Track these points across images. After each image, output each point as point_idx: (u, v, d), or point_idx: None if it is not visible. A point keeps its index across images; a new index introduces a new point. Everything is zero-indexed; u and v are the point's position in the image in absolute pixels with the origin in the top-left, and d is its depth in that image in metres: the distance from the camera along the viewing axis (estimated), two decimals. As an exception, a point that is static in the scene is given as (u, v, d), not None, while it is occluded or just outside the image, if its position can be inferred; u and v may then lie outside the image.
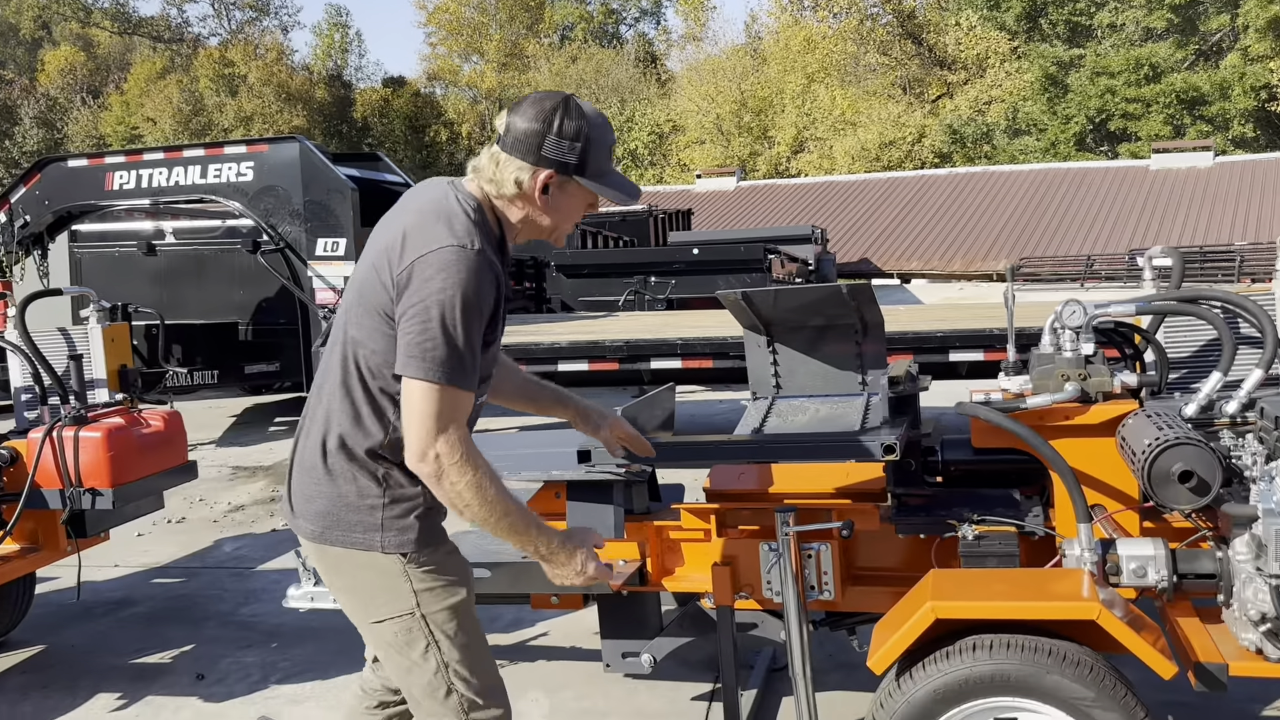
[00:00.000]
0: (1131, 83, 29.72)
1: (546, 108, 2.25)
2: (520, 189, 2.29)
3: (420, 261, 2.16)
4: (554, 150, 2.26)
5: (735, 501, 3.39)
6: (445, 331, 2.13)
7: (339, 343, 2.35)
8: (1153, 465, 2.54)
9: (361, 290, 2.29)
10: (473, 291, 2.15)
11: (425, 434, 2.15)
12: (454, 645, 2.35)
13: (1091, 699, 2.43)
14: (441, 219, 2.22)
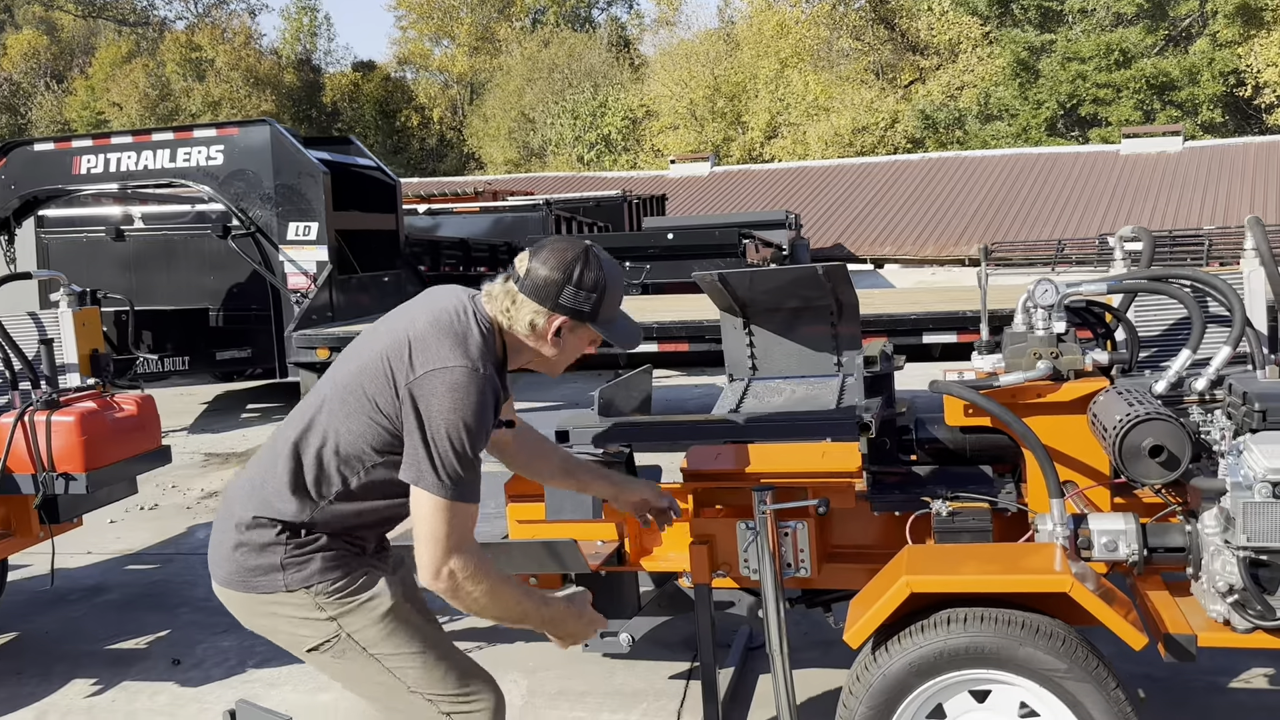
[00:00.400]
0: (1102, 68, 29.91)
1: (568, 259, 2.35)
2: (534, 330, 2.39)
3: (433, 375, 2.25)
4: (571, 300, 2.36)
5: (712, 481, 3.41)
6: (455, 450, 2.22)
7: (313, 408, 2.40)
8: (1124, 440, 2.57)
9: (362, 371, 2.34)
10: (480, 413, 2.25)
11: (439, 553, 2.22)
12: (399, 655, 2.39)
13: (1064, 670, 2.47)
14: (459, 337, 2.31)
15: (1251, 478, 2.47)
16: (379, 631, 2.38)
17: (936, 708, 2.64)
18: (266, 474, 2.41)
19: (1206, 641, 2.62)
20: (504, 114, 43.13)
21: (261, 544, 2.36)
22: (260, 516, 2.37)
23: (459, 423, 2.23)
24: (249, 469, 2.51)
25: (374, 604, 2.40)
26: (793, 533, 3.19)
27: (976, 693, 2.61)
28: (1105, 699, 2.46)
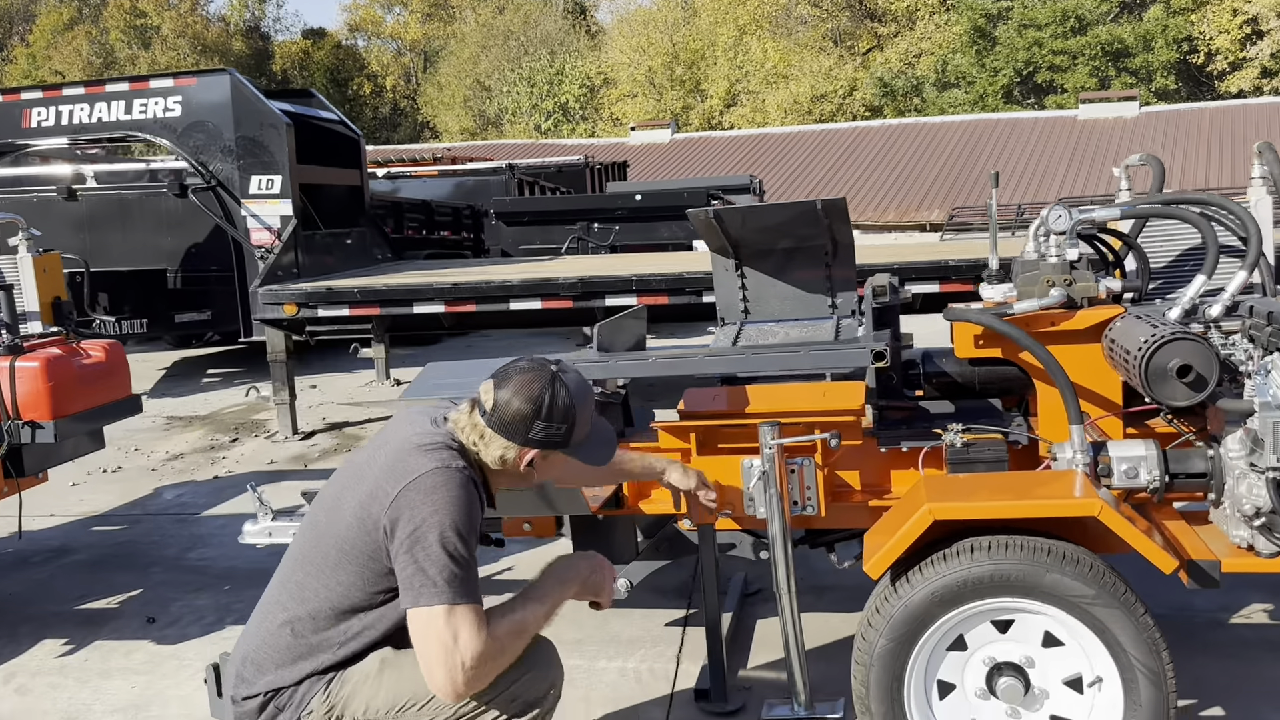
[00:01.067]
0: (1058, 35, 30.01)
1: (535, 390, 2.30)
2: (504, 464, 2.35)
3: (406, 490, 2.19)
4: (542, 434, 2.32)
5: (714, 419, 3.30)
6: (447, 552, 2.15)
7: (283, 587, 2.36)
8: (1150, 361, 2.51)
9: (344, 541, 2.26)
10: (465, 509, 2.20)
11: (451, 668, 2.13)
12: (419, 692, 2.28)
13: (1092, 596, 2.41)
14: (427, 449, 2.27)
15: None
16: (386, 687, 2.28)
17: (958, 639, 2.57)
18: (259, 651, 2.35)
19: (1230, 567, 2.58)
20: (459, 82, 42.50)
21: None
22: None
23: (444, 523, 2.17)
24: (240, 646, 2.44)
25: (365, 667, 2.30)
26: (800, 469, 3.10)
27: (999, 623, 2.55)
28: (1134, 625, 2.40)
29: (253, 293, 6.47)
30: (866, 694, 2.56)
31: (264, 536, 3.87)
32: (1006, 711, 2.56)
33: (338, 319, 6.46)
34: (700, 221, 3.80)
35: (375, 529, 2.22)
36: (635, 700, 3.34)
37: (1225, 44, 29.36)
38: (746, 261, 4.10)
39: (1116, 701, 2.45)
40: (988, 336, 3.02)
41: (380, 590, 2.27)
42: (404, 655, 2.32)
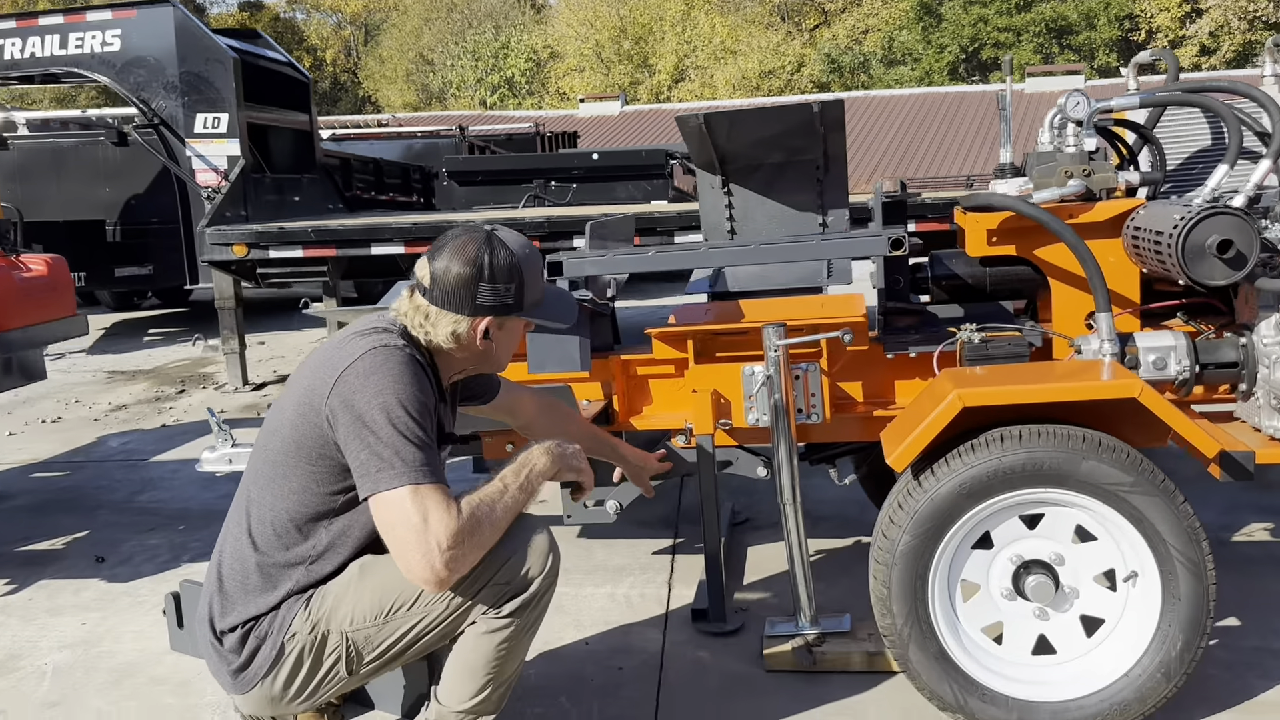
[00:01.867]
0: (1003, 11, 30.31)
1: (472, 252, 2.12)
2: (458, 341, 2.17)
3: (345, 375, 2.02)
4: (490, 297, 2.13)
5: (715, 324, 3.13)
6: (398, 432, 1.96)
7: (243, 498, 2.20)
8: (1187, 237, 2.38)
9: (288, 443, 2.09)
10: (412, 383, 2.02)
11: (427, 552, 1.93)
12: (404, 593, 2.09)
13: (1130, 483, 2.28)
14: (358, 335, 2.12)
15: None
16: (369, 592, 2.09)
17: (983, 537, 2.43)
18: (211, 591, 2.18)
19: (1264, 458, 2.46)
20: (401, 55, 41.74)
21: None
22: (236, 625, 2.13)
23: (390, 402, 1.97)
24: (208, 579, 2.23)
25: (344, 577, 2.11)
26: (804, 375, 2.94)
27: (1028, 518, 2.41)
28: (1174, 513, 2.28)
29: (199, 233, 6.14)
30: (888, 594, 2.41)
31: (224, 464, 3.62)
32: (1034, 612, 2.43)
33: (290, 261, 6.16)
34: (690, 129, 3.61)
35: (318, 420, 2.03)
36: (628, 623, 3.16)
37: (1166, 21, 29.81)
38: (734, 179, 3.93)
39: (1153, 596, 2.33)
40: (1002, 232, 2.89)
41: (337, 489, 2.08)
42: (385, 559, 2.12)
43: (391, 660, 2.13)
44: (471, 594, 2.06)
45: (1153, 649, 2.33)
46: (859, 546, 3.67)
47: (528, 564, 2.09)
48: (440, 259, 2.13)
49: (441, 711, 2.18)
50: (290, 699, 2.13)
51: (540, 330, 3.00)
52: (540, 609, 2.15)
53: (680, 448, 3.25)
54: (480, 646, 2.10)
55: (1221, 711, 2.51)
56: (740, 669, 2.84)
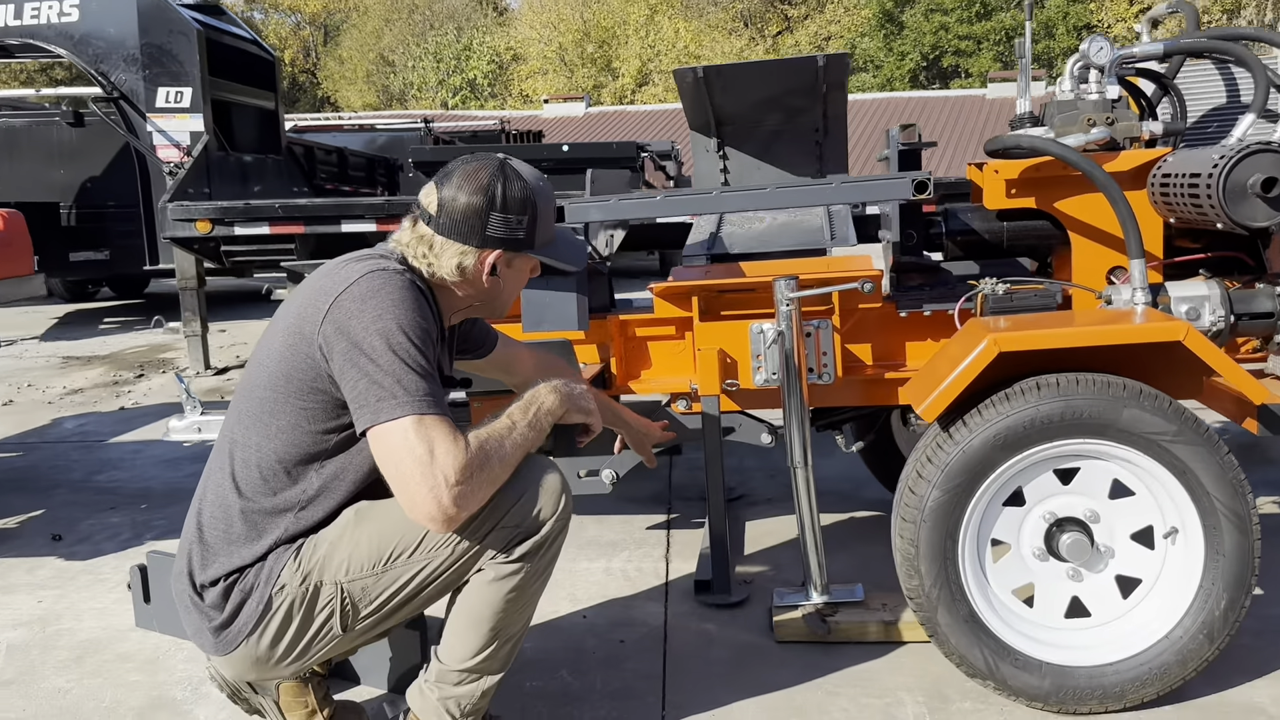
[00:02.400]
0: (964, 20, 30.57)
1: (485, 180, 1.96)
2: (464, 275, 2.00)
3: (340, 300, 1.85)
4: (502, 229, 1.97)
5: (722, 278, 2.98)
6: (399, 359, 1.80)
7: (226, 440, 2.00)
8: (1229, 176, 2.27)
9: (276, 377, 1.91)
10: (412, 308, 1.85)
11: (434, 486, 1.76)
12: (406, 539, 1.92)
13: (1174, 433, 2.15)
14: (353, 260, 1.95)
15: (1375, 211, 2.19)
16: (366, 539, 1.91)
17: (1015, 494, 2.30)
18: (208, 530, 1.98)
19: (1305, 411, 2.36)
20: (361, 56, 41.31)
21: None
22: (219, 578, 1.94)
23: (390, 327, 1.80)
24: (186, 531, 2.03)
25: (338, 523, 1.94)
26: (816, 333, 2.80)
27: (1062, 473, 2.28)
28: (1218, 464, 2.16)
29: (161, 208, 5.88)
30: (915, 554, 2.27)
31: (192, 432, 3.44)
32: (1067, 573, 2.30)
33: (256, 239, 5.93)
34: (686, 84, 3.47)
35: (310, 350, 1.85)
36: (626, 595, 3.00)
37: (1122, 31, 30.18)
38: (729, 141, 3.80)
39: (1196, 552, 2.21)
40: (1021, 183, 2.77)
41: (330, 428, 1.90)
42: (382, 503, 1.95)
43: (390, 615, 1.96)
44: (479, 537, 1.89)
45: (1195, 608, 2.21)
46: (855, 522, 3.54)
47: (539, 504, 1.92)
48: (449, 185, 1.96)
49: (442, 671, 2.00)
50: (277, 659, 1.95)
51: (549, 273, 2.84)
52: (552, 554, 1.98)
53: (681, 413, 3.10)
54: (487, 595, 1.92)
55: (1257, 679, 2.40)
56: (749, 640, 2.69)
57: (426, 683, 2.03)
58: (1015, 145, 2.59)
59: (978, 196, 3.01)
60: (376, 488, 2.00)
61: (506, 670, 2.04)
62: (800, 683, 2.45)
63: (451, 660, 1.99)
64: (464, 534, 1.89)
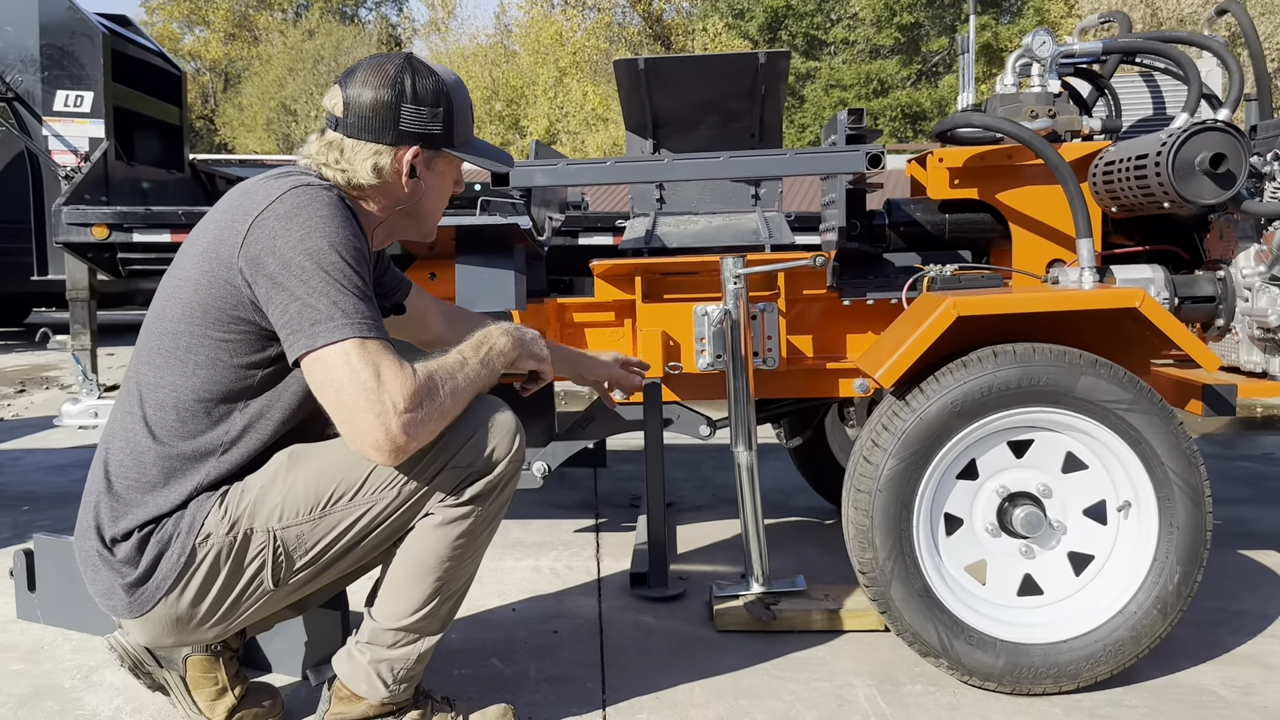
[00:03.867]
0: (862, 96, 31.65)
1: (391, 72, 1.83)
2: (380, 176, 1.84)
3: (261, 219, 1.69)
4: (415, 121, 1.84)
5: (666, 256, 2.91)
6: (333, 279, 1.65)
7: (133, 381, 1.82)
8: (1178, 154, 2.30)
9: (191, 308, 1.73)
10: (341, 225, 1.70)
11: (382, 412, 1.62)
12: (347, 482, 1.77)
13: (1129, 401, 2.14)
14: (270, 178, 1.78)
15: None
16: (302, 482, 1.76)
17: (968, 466, 2.25)
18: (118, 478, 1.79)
19: (1246, 392, 2.38)
20: (262, 104, 40.73)
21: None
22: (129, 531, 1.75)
23: (321, 245, 1.66)
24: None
25: (269, 467, 1.78)
26: (761, 316, 2.74)
27: (1016, 445, 2.24)
28: (1172, 434, 2.15)
29: (55, 212, 5.56)
30: (870, 525, 2.20)
31: (88, 417, 3.19)
32: (1020, 549, 2.25)
33: (157, 247, 5.63)
34: (625, 74, 3.43)
35: (230, 275, 1.69)
36: (557, 591, 2.85)
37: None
38: (665, 143, 3.76)
39: (1150, 525, 2.19)
40: (965, 173, 2.78)
41: (255, 362, 1.75)
42: (319, 445, 1.81)
43: (326, 568, 1.79)
44: (427, 478, 1.75)
45: (1149, 583, 2.19)
46: (789, 525, 3.46)
47: (492, 443, 1.79)
48: (354, 84, 1.82)
49: (376, 630, 1.84)
50: (199, 619, 1.76)
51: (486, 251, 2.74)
52: (504, 498, 1.84)
53: (619, 403, 2.99)
54: (433, 542, 1.78)
55: (1202, 664, 2.38)
56: (689, 630, 2.57)
57: (357, 644, 1.86)
58: (967, 123, 2.60)
59: (917, 193, 3.03)
60: (305, 428, 1.85)
61: (445, 632, 1.88)
62: (745, 668, 2.34)
63: (388, 618, 1.82)
64: (411, 474, 1.75)
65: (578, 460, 3.18)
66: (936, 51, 33.20)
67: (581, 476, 4.09)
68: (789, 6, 33.44)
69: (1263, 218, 2.36)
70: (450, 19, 44.47)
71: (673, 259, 2.79)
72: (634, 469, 4.21)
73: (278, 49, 42.42)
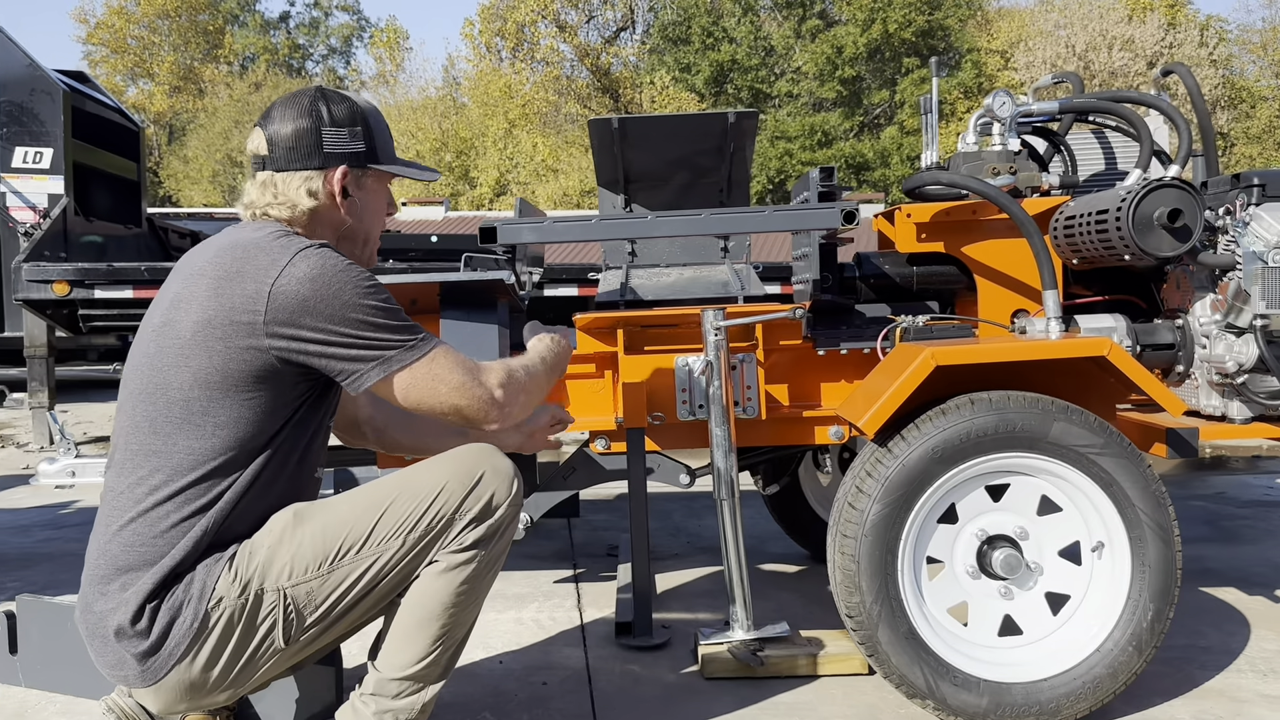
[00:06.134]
0: (807, 147, 32.27)
1: (306, 102, 1.93)
2: (316, 199, 1.91)
3: (281, 287, 1.74)
4: (337, 142, 1.93)
5: (646, 309, 2.98)
6: (382, 314, 1.79)
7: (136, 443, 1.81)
8: (1137, 209, 2.42)
9: (219, 375, 1.75)
10: (362, 273, 1.80)
11: (479, 387, 1.87)
12: (351, 537, 1.81)
13: (1100, 445, 2.24)
14: (259, 246, 1.79)
15: (1267, 243, 2.38)
16: (310, 539, 1.80)
17: (948, 510, 2.33)
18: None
19: (1207, 435, 2.49)
20: (208, 156, 40.46)
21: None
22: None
23: (357, 299, 1.76)
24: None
25: (273, 526, 1.81)
26: (741, 367, 2.81)
27: (993, 489, 2.33)
28: (1142, 476, 2.25)
29: (14, 268, 5.51)
30: (856, 570, 2.26)
31: (65, 476, 3.16)
32: (999, 590, 2.33)
33: (119, 303, 5.60)
34: (599, 133, 3.51)
35: (255, 341, 1.73)
36: (542, 642, 2.87)
37: (951, 164, 32.45)
38: (636, 198, 3.85)
39: (1123, 565, 2.28)
40: (931, 227, 2.89)
41: (280, 407, 1.80)
42: (322, 502, 1.85)
43: (335, 623, 1.81)
44: (430, 525, 1.81)
45: (1124, 620, 2.27)
46: (766, 572, 3.51)
47: (491, 489, 1.85)
48: (272, 122, 1.91)
49: (381, 681, 1.86)
50: (213, 684, 1.76)
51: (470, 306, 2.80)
52: (505, 542, 1.90)
53: (600, 453, 3.04)
54: (438, 589, 1.81)
55: (1174, 699, 2.46)
56: (676, 679, 2.61)
57: (361, 696, 1.88)
58: (934, 181, 2.71)
59: (885, 246, 3.14)
60: (304, 485, 1.89)
61: (446, 679, 1.91)
62: (737, 715, 2.38)
63: (392, 668, 1.85)
64: (415, 523, 1.80)
65: (552, 511, 3.22)
66: (878, 104, 34.02)
67: (556, 527, 4.12)
68: (734, 61, 34.10)
69: (1217, 268, 2.48)
70: (399, 71, 44.69)
71: (654, 311, 2.86)
72: (607, 518, 4.25)
73: (223, 101, 42.23)
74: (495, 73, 37.77)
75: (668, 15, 36.69)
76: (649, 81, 36.94)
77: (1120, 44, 24.66)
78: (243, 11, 48.39)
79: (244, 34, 49.10)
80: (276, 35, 50.94)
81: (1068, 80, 3.26)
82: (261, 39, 49.85)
